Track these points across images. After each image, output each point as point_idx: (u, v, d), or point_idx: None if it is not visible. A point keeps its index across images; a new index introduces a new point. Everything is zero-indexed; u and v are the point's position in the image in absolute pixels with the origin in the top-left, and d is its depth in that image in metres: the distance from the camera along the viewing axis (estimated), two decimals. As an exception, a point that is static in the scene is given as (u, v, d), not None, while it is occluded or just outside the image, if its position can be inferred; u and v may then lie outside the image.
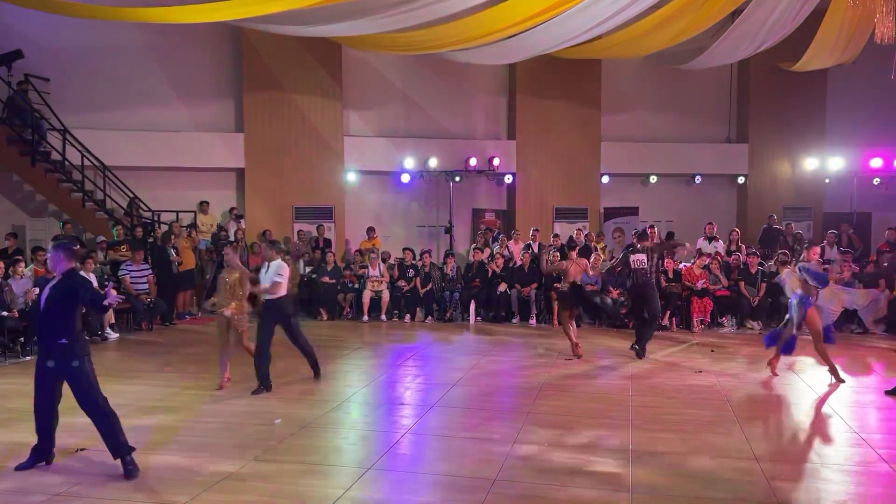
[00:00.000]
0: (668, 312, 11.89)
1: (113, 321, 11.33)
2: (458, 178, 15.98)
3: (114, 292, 5.32)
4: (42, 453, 5.35)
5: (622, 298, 11.94)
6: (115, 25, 13.97)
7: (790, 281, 8.15)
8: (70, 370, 5.18)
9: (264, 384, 7.71)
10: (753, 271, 12.39)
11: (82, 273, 6.18)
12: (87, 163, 13.81)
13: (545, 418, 6.74)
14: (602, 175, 16.84)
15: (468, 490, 4.96)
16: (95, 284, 9.51)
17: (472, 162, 15.79)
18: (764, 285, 12.09)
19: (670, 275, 12.26)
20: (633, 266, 9.67)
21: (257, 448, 5.76)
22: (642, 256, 9.61)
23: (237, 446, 5.82)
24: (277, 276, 7.73)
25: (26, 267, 10.61)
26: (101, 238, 12.99)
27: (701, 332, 11.84)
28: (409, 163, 15.74)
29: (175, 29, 14.37)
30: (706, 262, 12.50)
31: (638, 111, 17.12)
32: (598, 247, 13.87)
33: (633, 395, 7.62)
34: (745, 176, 17.17)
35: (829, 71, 16.04)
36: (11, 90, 13.37)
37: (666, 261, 11.77)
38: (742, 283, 12.27)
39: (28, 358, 9.50)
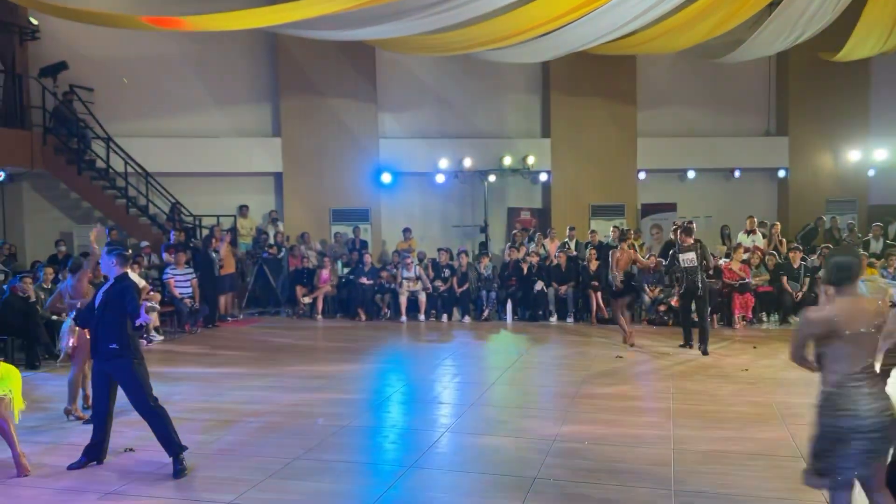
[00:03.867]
0: (710, 309, 11.69)
1: (157, 324, 11.58)
2: (492, 178, 15.97)
3: (148, 312, 5.45)
4: (94, 453, 5.50)
5: (661, 296, 11.86)
6: (155, 36, 14.31)
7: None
8: (120, 373, 5.36)
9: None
10: (796, 266, 12.15)
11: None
12: (130, 170, 14.13)
13: (585, 416, 6.73)
14: (639, 171, 16.65)
15: (509, 488, 4.98)
16: (143, 285, 9.72)
17: (507, 161, 15.76)
18: (807, 280, 11.84)
19: (710, 271, 12.04)
20: (683, 265, 9.55)
21: (300, 447, 5.85)
22: (691, 255, 9.47)
23: (280, 445, 5.93)
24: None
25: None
26: (146, 243, 13.29)
27: (743, 328, 11.65)
28: (444, 163, 15.78)
29: (212, 37, 14.64)
30: (745, 257, 12.27)
31: (674, 106, 16.88)
32: (637, 244, 13.70)
33: (674, 393, 7.54)
34: (786, 169, 16.82)
35: (872, 59, 15.63)
36: (57, 101, 13.78)
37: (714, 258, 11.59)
38: (785, 279, 12.05)
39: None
